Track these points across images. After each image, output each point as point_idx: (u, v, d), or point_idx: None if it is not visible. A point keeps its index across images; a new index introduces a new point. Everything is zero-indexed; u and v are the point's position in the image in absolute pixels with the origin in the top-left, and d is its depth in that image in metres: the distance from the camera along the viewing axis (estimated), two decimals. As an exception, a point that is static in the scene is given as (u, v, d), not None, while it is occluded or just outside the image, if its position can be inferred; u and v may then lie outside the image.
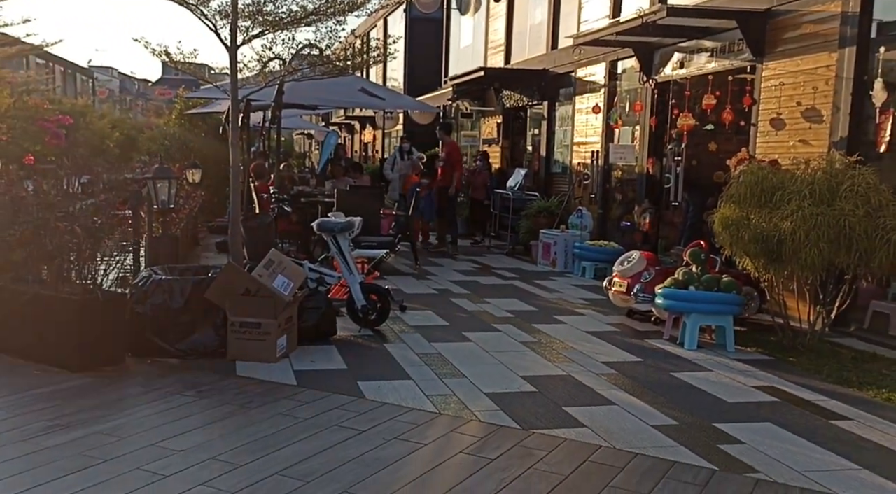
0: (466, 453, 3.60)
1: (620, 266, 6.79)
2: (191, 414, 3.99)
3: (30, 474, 3.17)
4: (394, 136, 23.43)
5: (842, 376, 5.14)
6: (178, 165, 12.69)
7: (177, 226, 8.28)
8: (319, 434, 3.75)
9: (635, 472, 3.42)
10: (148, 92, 63.76)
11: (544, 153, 12.97)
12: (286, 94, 8.87)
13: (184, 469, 3.27)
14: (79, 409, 3.99)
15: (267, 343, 5.01)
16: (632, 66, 10.12)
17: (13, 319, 4.87)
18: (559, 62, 12.18)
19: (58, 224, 4.88)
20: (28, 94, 14.48)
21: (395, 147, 14.12)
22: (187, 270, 5.80)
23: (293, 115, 15.34)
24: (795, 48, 7.04)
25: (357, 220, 6.34)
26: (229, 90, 6.86)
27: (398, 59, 22.14)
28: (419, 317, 6.64)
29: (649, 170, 9.71)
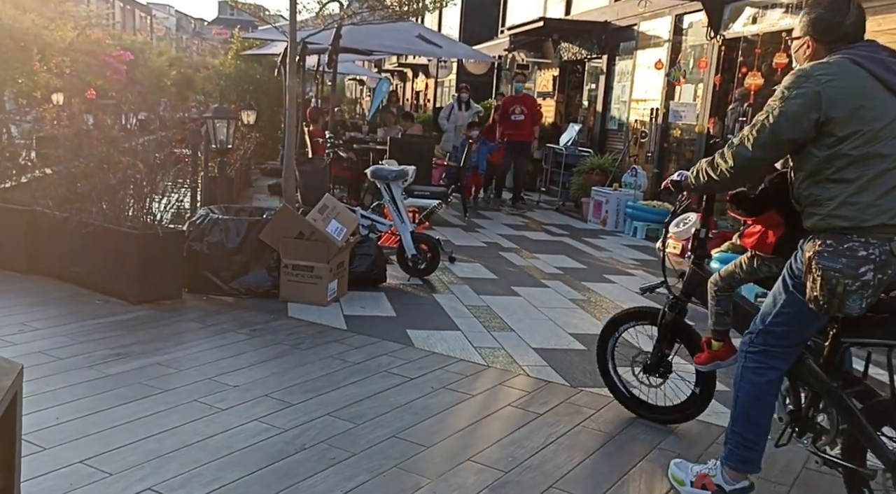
0: (514, 406, 3.61)
1: (676, 227, 6.66)
2: (245, 352, 4.09)
3: (93, 399, 3.30)
4: (447, 86, 23.18)
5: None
6: (233, 106, 12.80)
7: (231, 166, 8.37)
8: (369, 379, 3.80)
9: (685, 436, 3.40)
10: (204, 31, 64.10)
11: (600, 109, 12.69)
12: (344, 39, 8.78)
13: (238, 404, 3.36)
14: (139, 340, 4.12)
15: (319, 286, 5.07)
16: (699, 21, 9.75)
17: (77, 250, 5.02)
18: (622, 14, 11.80)
19: (121, 158, 4.97)
20: (90, 28, 14.68)
21: (453, 96, 13.77)
22: (242, 211, 5.88)
23: (346, 60, 15.24)
24: (876, 6, 6.67)
25: (410, 169, 6.32)
26: (287, 32, 6.82)
27: (455, 7, 21.73)
28: (468, 269, 6.65)
29: (710, 130, 9.43)
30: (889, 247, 2.37)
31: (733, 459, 2.69)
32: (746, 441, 2.66)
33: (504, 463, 3.01)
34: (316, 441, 3.06)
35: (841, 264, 2.37)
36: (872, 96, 2.36)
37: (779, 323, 2.60)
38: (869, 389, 2.64)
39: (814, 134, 2.39)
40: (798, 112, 2.38)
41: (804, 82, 2.39)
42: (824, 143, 2.39)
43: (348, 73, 23.48)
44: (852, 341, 2.64)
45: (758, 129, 2.48)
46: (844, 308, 2.42)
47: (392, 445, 3.09)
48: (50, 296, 4.85)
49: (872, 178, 2.35)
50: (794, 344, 2.65)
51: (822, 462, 2.74)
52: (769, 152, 2.49)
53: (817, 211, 2.44)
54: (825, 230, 2.42)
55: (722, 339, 3.14)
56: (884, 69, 2.39)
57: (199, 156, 7.42)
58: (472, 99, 12.69)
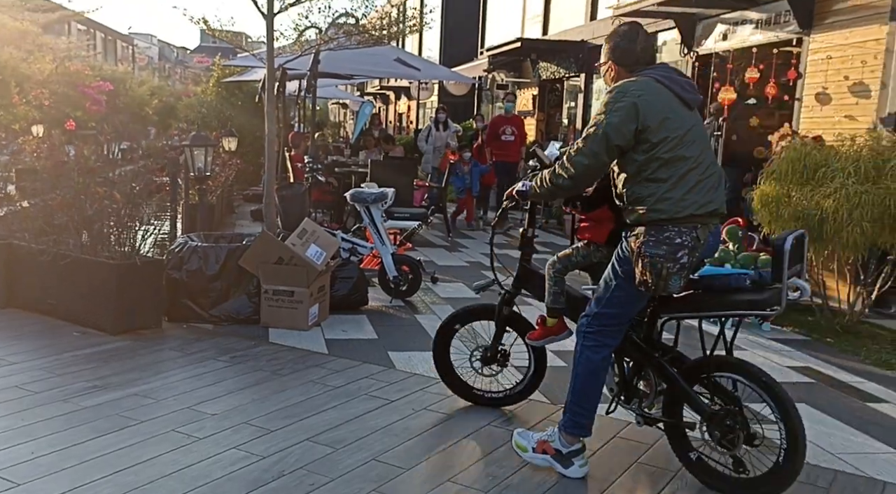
0: (495, 426, 3.61)
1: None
2: (224, 379, 4.07)
3: (69, 433, 3.27)
4: (429, 107, 23.32)
5: (880, 358, 5.04)
6: (214, 133, 12.81)
7: (213, 193, 8.38)
8: (350, 403, 3.79)
9: (664, 449, 3.39)
10: (186, 59, 64.26)
11: (580, 126, 12.81)
12: (322, 64, 8.86)
13: (217, 433, 3.34)
14: (116, 371, 4.09)
15: (299, 311, 5.06)
16: (672, 39, 9.90)
17: (55, 282, 4.99)
18: (598, 33, 11.96)
19: (97, 189, 4.96)
20: (69, 60, 14.69)
21: (431, 118, 13.81)
22: (222, 237, 5.87)
23: (329, 85, 15.33)
24: (845, 20, 6.81)
25: (390, 191, 6.34)
26: (265, 58, 6.86)
27: (434, 30, 21.94)
28: (450, 289, 6.65)
29: (688, 144, 9.52)
30: (696, 234, 2.81)
31: (570, 426, 3.08)
32: (583, 409, 3.06)
33: (484, 483, 3.00)
34: (294, 468, 3.04)
35: (663, 251, 2.78)
36: (674, 109, 2.81)
37: (612, 305, 2.98)
38: (680, 355, 3.15)
39: (633, 141, 2.79)
40: (621, 122, 2.77)
41: (622, 97, 2.79)
42: (642, 149, 2.79)
43: (331, 97, 23.61)
44: (667, 316, 3.13)
45: (590, 140, 2.83)
46: (668, 288, 2.84)
47: (371, 468, 3.08)
48: (27, 330, 4.81)
49: (680, 177, 2.78)
50: (623, 322, 3.04)
51: (644, 422, 3.21)
52: (602, 158, 2.85)
53: (639, 207, 2.83)
54: (647, 223, 2.81)
55: (556, 316, 3.45)
56: (679, 87, 2.85)
57: (180, 184, 7.42)
58: (450, 119, 12.74)
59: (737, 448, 2.94)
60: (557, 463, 3.10)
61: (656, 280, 2.80)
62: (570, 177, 2.91)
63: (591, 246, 3.28)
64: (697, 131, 2.85)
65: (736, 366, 3.04)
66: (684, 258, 2.79)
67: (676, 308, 3.04)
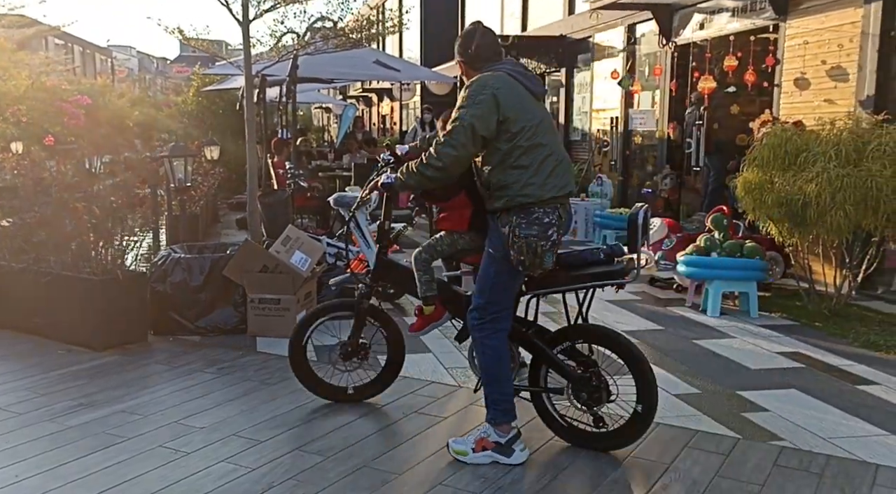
0: (486, 425, 3.58)
1: (641, 233, 6.70)
2: (212, 391, 4.03)
3: (54, 453, 3.22)
4: (411, 108, 23.28)
5: (868, 340, 5.05)
6: (196, 143, 12.71)
7: (196, 203, 8.31)
8: (339, 410, 3.76)
9: (657, 442, 3.39)
10: (166, 69, 63.94)
11: (563, 121, 12.80)
12: (301, 68, 8.80)
13: (205, 446, 3.31)
14: (102, 388, 4.04)
15: (286, 318, 5.02)
16: (651, 30, 9.91)
17: (37, 300, 4.93)
18: (577, 27, 11.96)
19: (76, 204, 4.91)
20: (47, 75, 14.53)
21: (416, 118, 13.70)
22: (206, 248, 5.82)
23: (310, 89, 15.27)
24: (820, 5, 6.83)
25: (374, 194, 6.30)
26: (243, 66, 6.82)
27: (413, 30, 21.90)
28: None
29: (670, 135, 9.55)
30: (559, 213, 3.07)
31: (499, 416, 3.17)
32: (504, 395, 3.19)
33: (476, 485, 2.98)
34: (284, 478, 3.01)
35: (535, 230, 3.00)
36: (526, 101, 3.05)
37: (495, 292, 3.14)
38: (542, 328, 3.38)
39: (496, 131, 2.99)
40: (484, 113, 2.96)
41: (483, 91, 2.99)
42: (504, 138, 3.00)
43: (313, 101, 23.55)
44: (533, 293, 3.32)
45: (456, 132, 2.99)
46: (544, 264, 3.06)
47: (362, 475, 3.05)
48: (11, 350, 4.75)
49: (540, 163, 3.02)
50: (509, 305, 3.20)
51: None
52: (469, 148, 3.02)
53: (505, 193, 3.02)
54: (515, 207, 3.01)
55: (432, 303, 3.53)
56: (528, 80, 3.10)
57: (163, 196, 7.36)
58: (435, 119, 12.64)
59: (599, 407, 3.24)
60: (500, 455, 3.16)
61: (532, 258, 3.02)
62: (438, 168, 3.05)
63: (455, 234, 3.41)
64: (547, 121, 3.13)
65: (591, 332, 3.32)
66: (554, 235, 3.05)
67: (541, 285, 3.26)
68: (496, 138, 3.00)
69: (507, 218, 3.04)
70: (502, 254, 3.07)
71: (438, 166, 3.05)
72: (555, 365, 3.28)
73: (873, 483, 3.01)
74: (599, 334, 3.31)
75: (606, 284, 3.24)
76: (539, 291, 3.31)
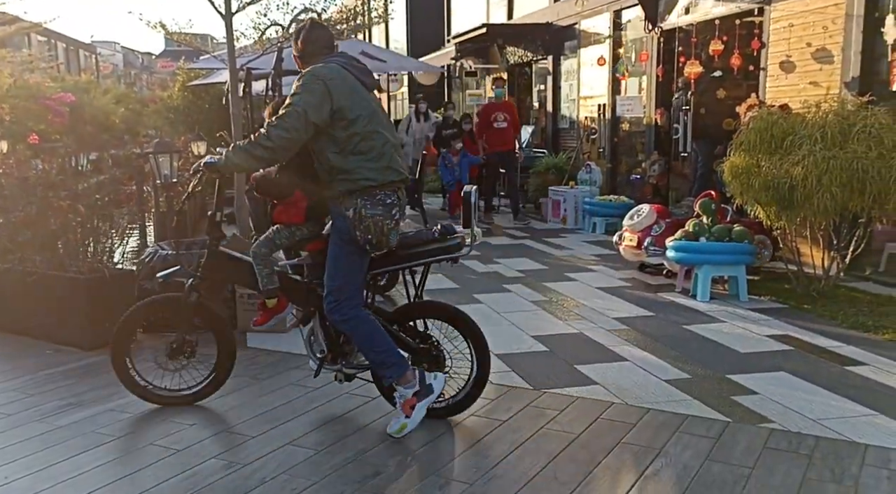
0: (478, 415, 3.59)
1: (630, 220, 6.71)
2: (203, 388, 4.00)
3: (44, 453, 3.21)
4: (399, 99, 23.20)
5: (857, 321, 5.08)
6: (182, 138, 12.62)
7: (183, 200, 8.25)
8: (331, 403, 3.76)
9: (648, 428, 3.41)
10: (152, 65, 63.45)
11: (551, 109, 12.79)
12: (287, 61, 8.73)
13: (196, 444, 3.30)
14: (91, 387, 4.02)
15: (276, 313, 5.00)
16: (637, 16, 9.89)
17: (24, 301, 4.89)
18: (562, 14, 11.93)
19: (60, 203, 4.87)
20: (30, 73, 14.38)
21: (410, 108, 13.42)
22: (194, 244, 5.78)
23: (296, 82, 15.18)
24: (805, -13, 6.82)
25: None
26: (227, 59, 6.77)
27: (399, 20, 21.78)
28: (429, 281, 6.59)
29: (657, 121, 9.55)
30: (398, 195, 3.27)
31: (395, 372, 3.32)
32: (389, 358, 3.32)
33: (468, 475, 2.98)
34: (276, 473, 3.01)
35: (380, 210, 3.18)
36: (359, 91, 3.21)
37: (347, 273, 3.27)
38: (378, 308, 3.54)
39: (329, 120, 3.11)
40: (317, 101, 3.08)
41: (315, 80, 3.12)
42: (340, 126, 3.13)
43: (300, 94, 23.38)
44: (374, 272, 3.44)
45: (289, 117, 3.09)
46: (390, 242, 3.25)
47: (355, 468, 3.05)
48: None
49: (379, 149, 3.19)
50: (361, 283, 3.35)
51: (345, 378, 3.57)
52: (300, 133, 3.12)
53: (348, 177, 3.17)
54: (358, 190, 3.17)
55: (274, 296, 3.57)
56: (358, 72, 3.26)
57: (150, 193, 7.31)
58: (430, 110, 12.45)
59: None
60: (426, 398, 3.34)
61: (380, 236, 3.20)
62: (267, 148, 3.13)
63: (292, 226, 3.48)
64: (381, 111, 3.31)
65: (427, 307, 3.55)
66: (397, 215, 3.25)
67: (382, 264, 3.41)
68: (332, 126, 3.14)
69: (351, 201, 3.18)
70: (348, 237, 3.22)
71: (268, 146, 3.13)
72: (396, 340, 3.42)
73: (862, 462, 3.03)
74: (435, 308, 3.57)
75: (441, 259, 3.46)
76: (379, 270, 3.46)
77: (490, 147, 10.32)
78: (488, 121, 10.24)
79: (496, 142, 10.25)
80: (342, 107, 3.11)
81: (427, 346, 3.48)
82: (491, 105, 10.61)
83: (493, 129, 10.24)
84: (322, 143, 3.18)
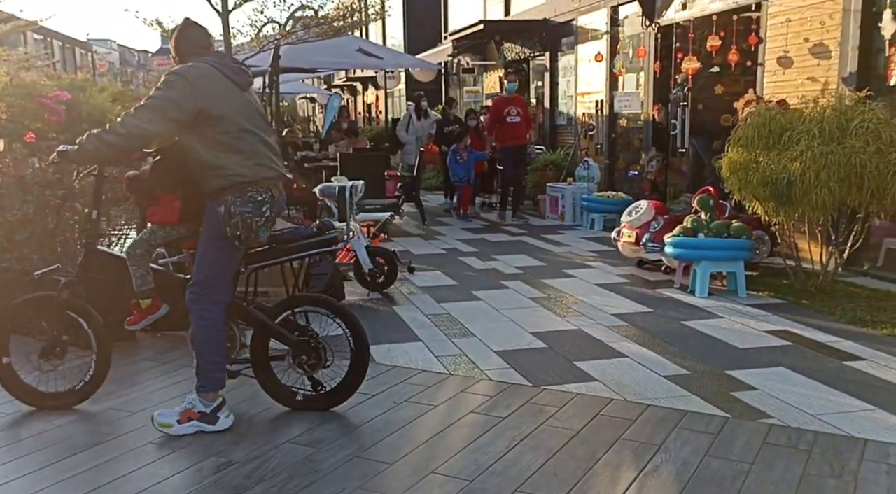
0: (477, 412, 3.59)
1: (628, 216, 6.71)
2: (201, 386, 3.99)
3: (42, 453, 3.20)
4: (396, 96, 23.17)
5: (855, 316, 5.09)
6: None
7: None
8: (330, 400, 3.75)
9: (647, 424, 3.41)
10: (148, 63, 63.31)
11: (548, 105, 12.78)
12: (284, 59, 8.74)
13: (195, 442, 3.29)
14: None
15: (275, 311, 4.99)
16: (634, 12, 9.88)
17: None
18: (560, 11, 11.91)
19: (56, 201, 4.85)
20: (26, 71, 14.28)
21: (409, 105, 13.32)
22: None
23: (294, 80, 15.17)
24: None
25: (360, 184, 6.28)
26: (223, 57, 6.75)
27: (396, 17, 21.75)
28: (427, 278, 6.62)
29: (655, 117, 9.55)
30: (271, 193, 3.31)
31: (208, 384, 3.35)
32: (216, 365, 3.37)
33: (468, 472, 2.98)
34: (276, 472, 3.00)
35: (250, 208, 3.23)
36: (229, 91, 3.25)
37: (212, 268, 3.32)
38: (260, 304, 3.62)
39: (193, 118, 3.16)
40: (177, 100, 3.13)
41: (179, 79, 3.16)
42: (208, 124, 3.18)
43: (297, 92, 23.38)
44: (252, 267, 3.52)
45: (148, 109, 3.14)
46: (259, 239, 3.33)
47: (354, 466, 3.05)
48: (-3, 350, 4.69)
49: (251, 147, 3.26)
50: (226, 281, 3.39)
51: (229, 375, 3.55)
52: (157, 127, 3.16)
53: (221, 173, 3.21)
54: (230, 186, 3.21)
55: (149, 297, 3.63)
56: (230, 71, 3.30)
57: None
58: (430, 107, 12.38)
59: (318, 370, 3.55)
60: (205, 424, 3.35)
61: (248, 233, 3.26)
62: (121, 135, 3.16)
63: (167, 226, 3.52)
64: (254, 110, 3.35)
65: (306, 299, 3.63)
66: (268, 212, 3.29)
67: (261, 258, 3.50)
68: (199, 125, 3.18)
69: (223, 197, 3.23)
70: (218, 232, 3.27)
71: (121, 133, 3.15)
72: (275, 333, 3.53)
73: (861, 457, 3.03)
74: (313, 300, 3.65)
75: (317, 253, 3.62)
76: (257, 265, 3.53)
77: (503, 142, 10.08)
78: (500, 115, 10.02)
79: (509, 136, 10.00)
80: (207, 106, 3.15)
81: (306, 339, 3.54)
82: (503, 99, 10.39)
83: (505, 124, 10.00)
84: (192, 141, 3.23)
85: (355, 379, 3.58)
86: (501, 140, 10.09)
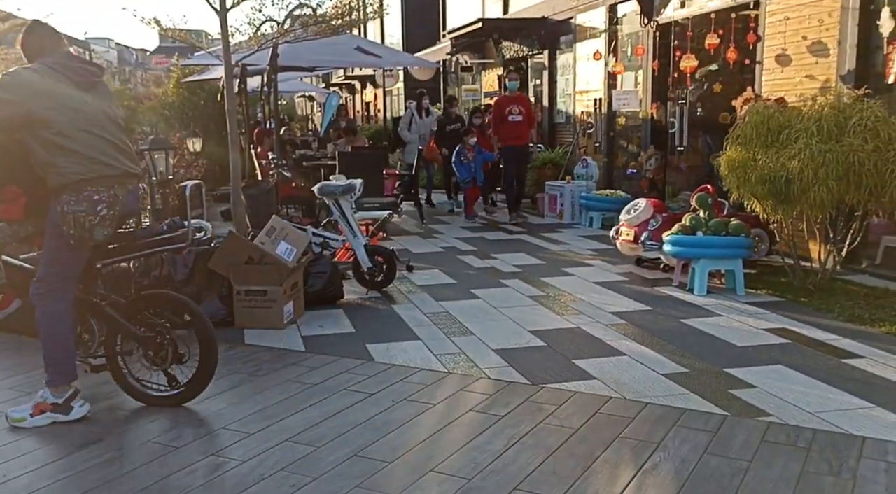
0: (476, 411, 3.59)
1: (627, 214, 6.71)
2: (200, 385, 3.99)
3: (41, 452, 3.20)
4: (395, 95, 23.16)
5: (854, 313, 5.10)
6: (178, 135, 12.58)
7: (178, 197, 8.24)
8: (329, 399, 3.76)
9: (646, 422, 3.41)
10: (146, 61, 63.24)
11: (547, 103, 12.78)
12: (282, 57, 8.72)
13: (194, 440, 3.29)
14: (88, 385, 3.97)
15: (273, 310, 5.00)
16: (633, 10, 9.87)
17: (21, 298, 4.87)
18: (558, 9, 11.90)
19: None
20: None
21: (410, 103, 13.19)
22: (190, 241, 5.77)
23: (292, 78, 15.14)
24: (799, -20, 6.82)
25: (357, 182, 6.28)
26: (222, 56, 6.75)
27: (395, 15, 21.74)
28: (426, 277, 6.62)
29: (654, 115, 9.55)
30: (114, 191, 3.39)
31: (57, 378, 3.45)
32: (63, 357, 3.46)
33: (467, 471, 2.98)
34: (275, 470, 3.00)
35: (84, 207, 3.31)
36: (66, 91, 3.33)
37: (55, 264, 3.41)
38: (114, 299, 3.69)
39: (27, 119, 3.23)
40: (11, 100, 3.22)
41: (14, 80, 3.28)
42: (42, 125, 3.25)
43: (296, 90, 23.33)
44: (102, 263, 3.66)
45: None
46: (94, 238, 3.37)
47: (353, 464, 3.05)
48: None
49: (88, 146, 3.32)
50: (70, 276, 3.47)
51: (93, 369, 3.73)
52: None
53: (58, 172, 3.28)
54: (66, 185, 3.28)
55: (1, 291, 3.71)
56: (72, 72, 3.39)
57: (145, 190, 7.29)
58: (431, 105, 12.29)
59: (168, 364, 3.62)
60: (59, 414, 3.44)
61: (81, 232, 3.32)
62: None
63: (14, 224, 3.66)
64: (96, 108, 3.42)
65: (155, 297, 3.74)
66: (104, 211, 3.35)
67: (110, 254, 3.64)
68: (33, 125, 3.24)
69: (62, 195, 3.30)
70: (57, 231, 3.35)
71: None
72: (124, 329, 3.61)
73: (860, 455, 3.04)
74: (161, 298, 3.75)
75: (165, 249, 3.78)
76: (108, 260, 3.68)
77: (504, 141, 9.97)
78: (502, 114, 9.90)
79: (510, 136, 9.89)
80: (35, 109, 3.22)
81: (153, 335, 3.60)
82: (505, 98, 10.28)
83: (507, 123, 9.87)
84: (29, 140, 3.29)
85: (205, 378, 3.64)
86: (503, 139, 10.03)
